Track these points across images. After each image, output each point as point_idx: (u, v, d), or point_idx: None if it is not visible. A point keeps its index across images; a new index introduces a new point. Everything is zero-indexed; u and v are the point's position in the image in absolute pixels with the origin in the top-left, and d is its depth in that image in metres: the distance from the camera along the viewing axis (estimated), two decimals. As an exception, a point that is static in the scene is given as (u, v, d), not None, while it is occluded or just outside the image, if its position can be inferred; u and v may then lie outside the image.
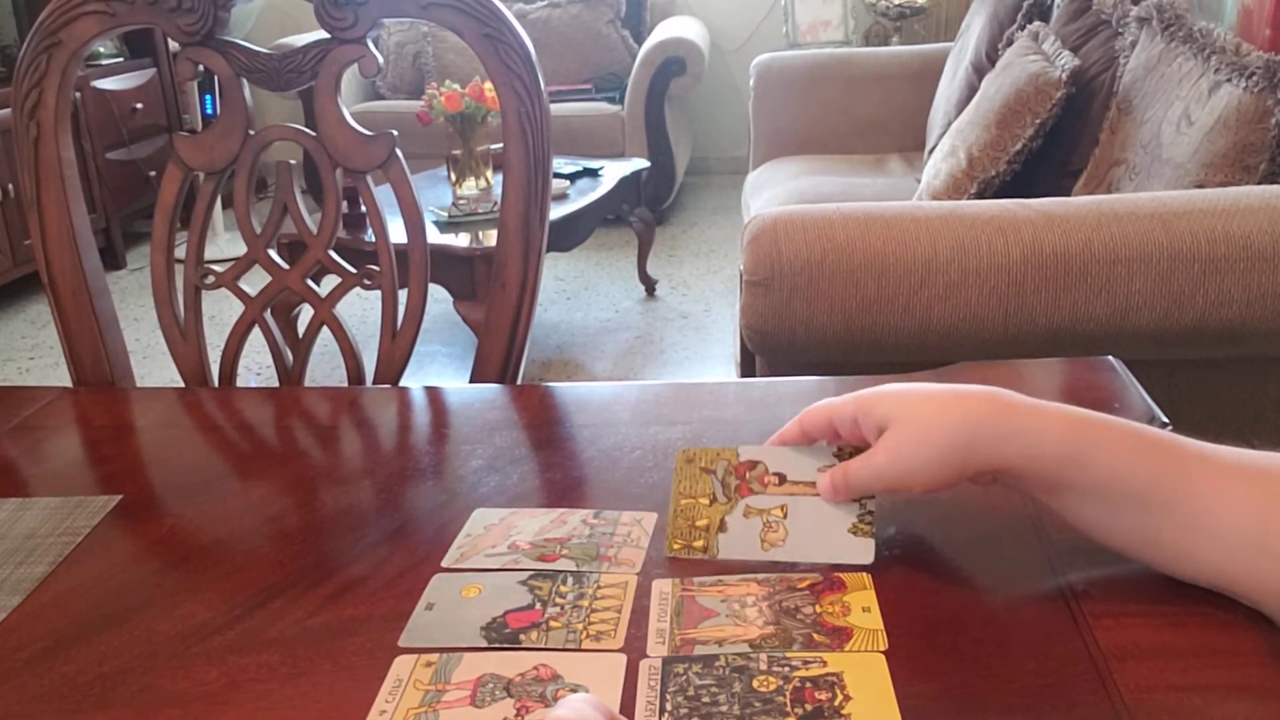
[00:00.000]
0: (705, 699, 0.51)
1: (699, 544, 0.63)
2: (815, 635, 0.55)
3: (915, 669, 0.52)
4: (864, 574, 0.60)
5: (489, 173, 3.12)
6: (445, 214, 2.93)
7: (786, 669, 0.52)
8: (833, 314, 1.41)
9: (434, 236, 2.78)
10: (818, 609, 0.57)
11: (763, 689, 0.51)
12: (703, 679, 0.52)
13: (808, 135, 3.26)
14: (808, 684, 0.51)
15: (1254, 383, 1.50)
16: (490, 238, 2.76)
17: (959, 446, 0.57)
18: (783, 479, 0.65)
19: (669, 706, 0.50)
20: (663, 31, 4.33)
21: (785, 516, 0.63)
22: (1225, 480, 0.53)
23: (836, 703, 0.50)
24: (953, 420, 0.58)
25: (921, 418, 0.58)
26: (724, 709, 0.50)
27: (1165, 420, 0.75)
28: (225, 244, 4.08)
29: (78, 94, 3.88)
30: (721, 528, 0.63)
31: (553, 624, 0.57)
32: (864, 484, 0.61)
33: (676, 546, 0.63)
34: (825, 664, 0.53)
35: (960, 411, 0.58)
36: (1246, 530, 0.52)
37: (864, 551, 0.61)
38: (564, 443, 0.80)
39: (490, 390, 0.94)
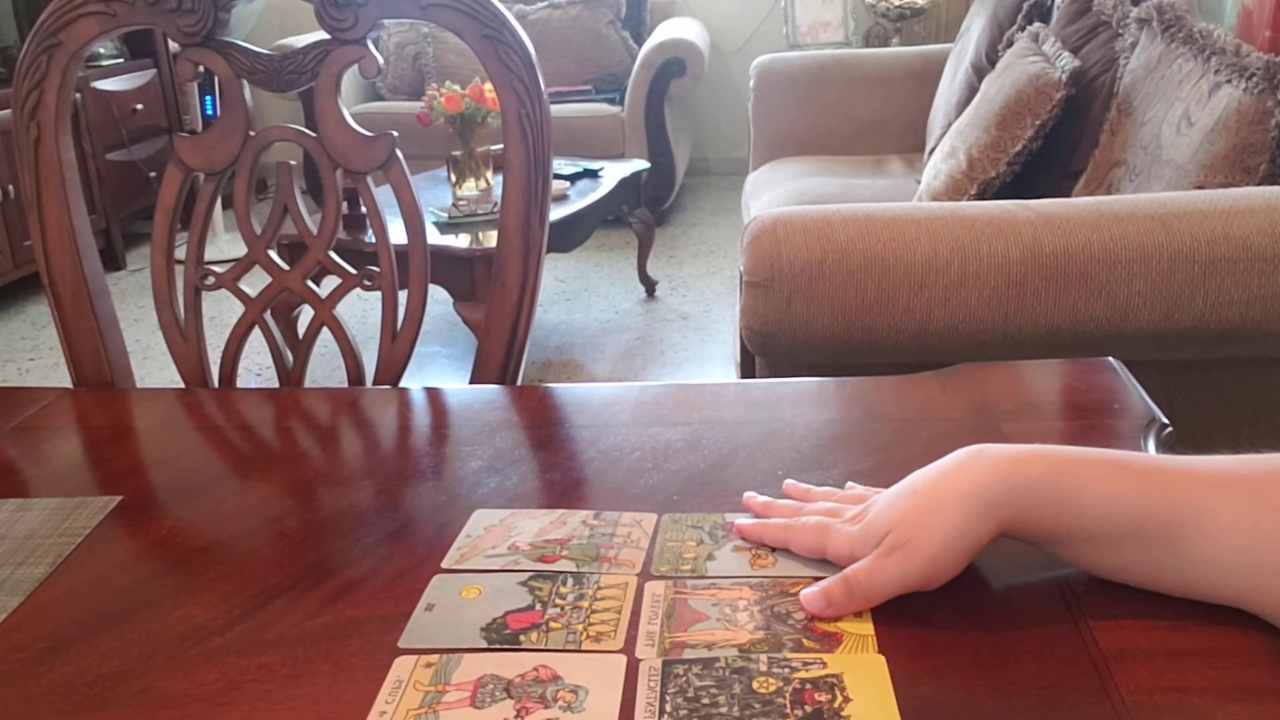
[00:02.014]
0: (705, 700, 0.51)
1: (686, 568, 0.62)
2: (805, 640, 0.55)
3: (915, 670, 0.52)
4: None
5: (489, 174, 3.12)
6: (445, 215, 2.93)
7: (786, 670, 0.52)
8: (833, 315, 1.41)
9: (434, 237, 2.78)
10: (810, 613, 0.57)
11: (762, 690, 0.51)
12: (702, 680, 0.52)
13: (808, 136, 3.27)
14: (808, 685, 0.51)
15: (1254, 384, 1.50)
16: (490, 238, 2.76)
17: (974, 515, 0.55)
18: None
19: (668, 708, 0.50)
20: (663, 32, 4.33)
21: (774, 550, 0.63)
22: (1215, 500, 0.53)
23: (836, 704, 0.50)
24: (962, 488, 0.55)
25: (925, 507, 0.56)
26: (724, 710, 0.50)
27: (1165, 422, 0.75)
28: (225, 245, 4.08)
29: (78, 95, 3.89)
30: (709, 558, 0.63)
31: (553, 625, 0.57)
32: (876, 592, 0.56)
33: (663, 569, 0.62)
34: (825, 665, 0.53)
35: (966, 481, 0.55)
36: (1241, 549, 0.52)
37: None
38: (564, 443, 0.80)
39: (490, 391, 0.94)
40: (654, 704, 0.51)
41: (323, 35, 0.98)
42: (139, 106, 4.29)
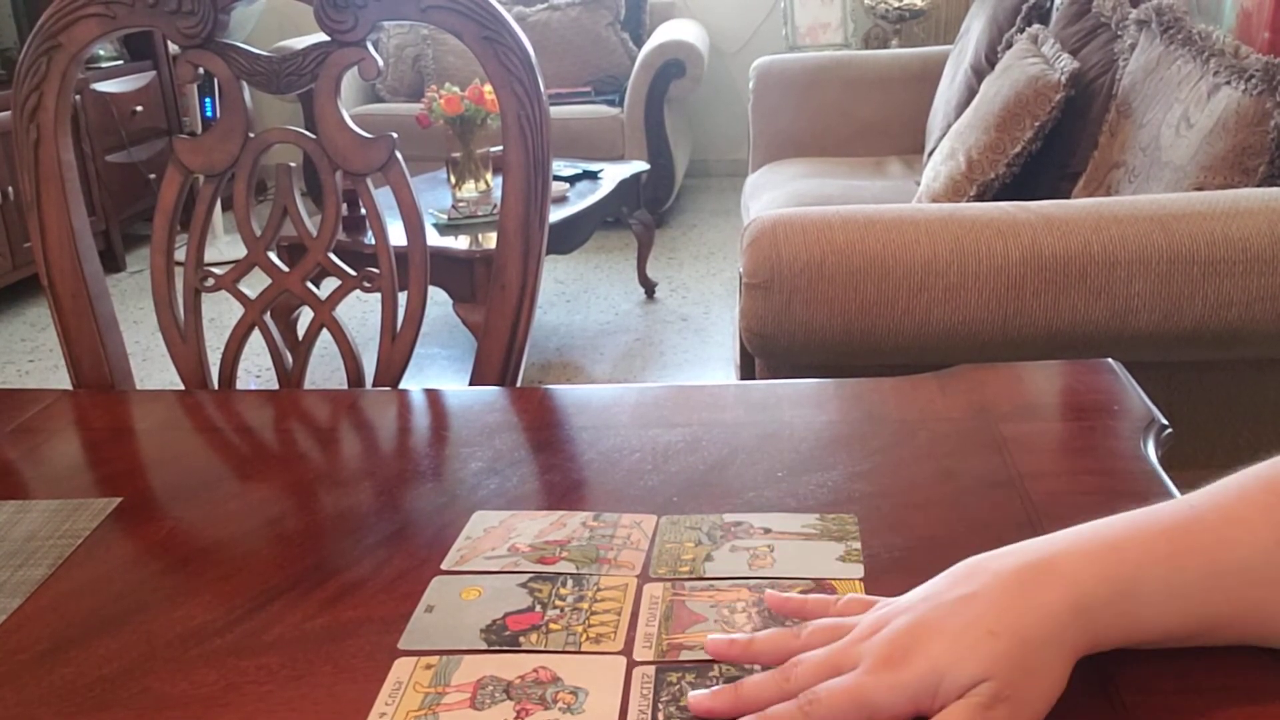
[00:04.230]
0: (701, 705, 0.51)
1: (685, 569, 0.62)
2: None
3: (915, 671, 0.52)
4: (857, 581, 0.60)
5: (488, 175, 3.12)
6: (445, 216, 2.93)
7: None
8: (832, 316, 1.41)
9: (433, 239, 2.78)
10: None
11: (759, 695, 0.51)
12: (696, 688, 0.52)
13: (807, 138, 3.27)
14: (805, 689, 0.51)
15: (1253, 385, 1.50)
16: (490, 240, 2.76)
17: (1065, 659, 0.49)
18: (768, 530, 0.65)
19: (661, 716, 0.50)
20: (662, 34, 4.33)
21: (772, 550, 0.63)
22: (1276, 601, 0.50)
23: (835, 706, 0.50)
24: (1047, 630, 0.49)
25: (1019, 653, 0.48)
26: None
27: (1164, 423, 0.75)
28: (225, 246, 4.08)
29: (78, 97, 3.89)
30: (707, 559, 0.63)
31: (552, 626, 0.57)
32: None
33: (661, 571, 0.62)
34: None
35: (1049, 621, 0.49)
36: None
37: (853, 573, 0.61)
38: (564, 445, 0.80)
39: (490, 393, 0.94)
40: (646, 711, 0.51)
41: (322, 37, 0.98)
42: (139, 108, 4.29)
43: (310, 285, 1.02)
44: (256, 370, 3.05)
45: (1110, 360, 0.86)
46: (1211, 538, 0.51)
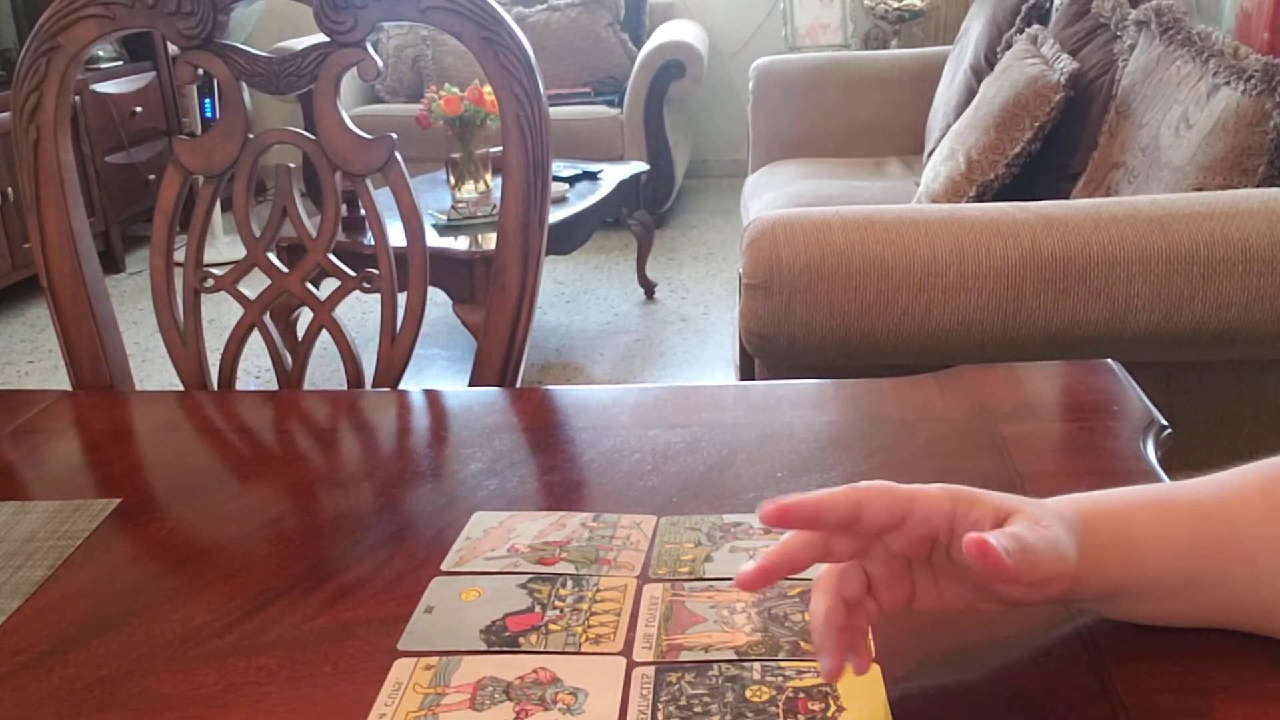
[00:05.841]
0: (697, 708, 0.51)
1: (684, 570, 0.62)
2: (802, 643, 0.55)
3: (912, 673, 0.52)
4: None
5: (488, 176, 3.12)
6: (444, 217, 2.93)
7: (780, 679, 0.52)
8: (832, 317, 1.41)
9: (433, 240, 2.78)
10: (806, 616, 0.57)
11: (755, 699, 0.51)
12: (695, 688, 0.52)
13: (807, 138, 3.27)
14: (800, 694, 0.51)
15: (1252, 385, 1.50)
16: (489, 241, 2.76)
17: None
18: (768, 531, 0.65)
19: (660, 716, 0.50)
20: (662, 35, 4.33)
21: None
22: (1258, 545, 0.51)
23: (829, 713, 0.50)
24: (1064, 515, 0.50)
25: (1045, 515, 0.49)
26: (715, 719, 0.50)
27: (1164, 423, 0.76)
28: (224, 247, 4.08)
29: (77, 97, 3.88)
30: (707, 559, 0.63)
31: (552, 627, 0.57)
32: (1051, 551, 0.47)
33: (661, 571, 0.62)
34: (819, 673, 0.52)
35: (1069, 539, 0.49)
36: None
37: None
38: (563, 446, 0.80)
39: (489, 393, 0.94)
40: (645, 712, 0.51)
41: (322, 38, 0.98)
42: (138, 109, 4.29)
43: (310, 286, 1.02)
44: (256, 371, 3.05)
45: (1110, 361, 0.86)
46: (1200, 493, 0.53)
